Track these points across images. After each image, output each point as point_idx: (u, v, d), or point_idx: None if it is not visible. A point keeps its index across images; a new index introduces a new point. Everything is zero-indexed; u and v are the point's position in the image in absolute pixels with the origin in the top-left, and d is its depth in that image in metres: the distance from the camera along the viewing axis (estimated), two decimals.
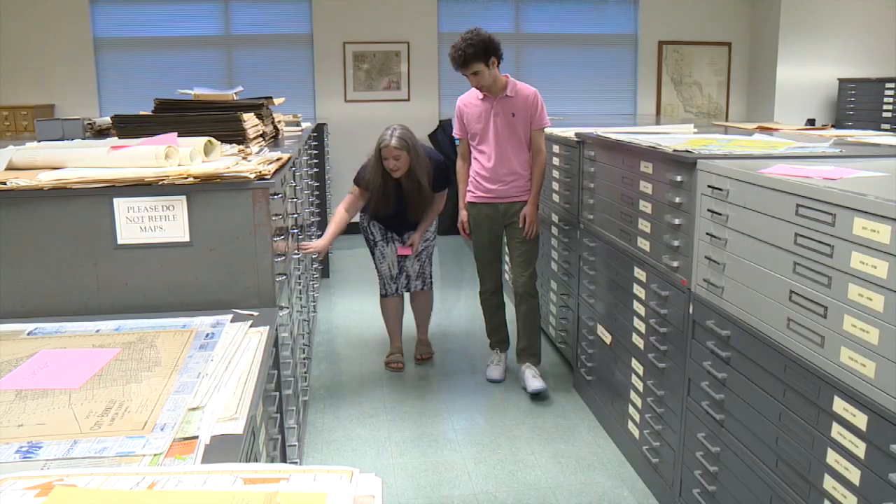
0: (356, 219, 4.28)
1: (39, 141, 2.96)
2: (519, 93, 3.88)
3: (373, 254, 4.33)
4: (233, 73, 7.92)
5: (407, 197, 4.08)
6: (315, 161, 5.63)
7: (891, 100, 7.15)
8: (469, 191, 4.06)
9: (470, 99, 3.98)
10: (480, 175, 3.98)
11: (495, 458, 3.31)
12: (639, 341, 3.07)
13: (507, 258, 4.73)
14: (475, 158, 4.01)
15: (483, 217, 4.03)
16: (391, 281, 4.33)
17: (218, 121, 2.83)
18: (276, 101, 3.78)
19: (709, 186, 2.43)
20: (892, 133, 4.77)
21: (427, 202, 4.14)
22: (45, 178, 2.04)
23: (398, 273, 4.33)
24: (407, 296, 4.46)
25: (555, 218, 4.34)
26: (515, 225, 3.97)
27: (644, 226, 2.99)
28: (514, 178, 3.93)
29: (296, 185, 3.43)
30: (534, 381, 3.89)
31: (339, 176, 7.71)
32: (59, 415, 1.40)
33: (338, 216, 4.13)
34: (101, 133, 3.41)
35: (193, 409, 1.41)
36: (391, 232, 4.27)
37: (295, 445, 2.70)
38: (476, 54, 3.72)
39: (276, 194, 2.25)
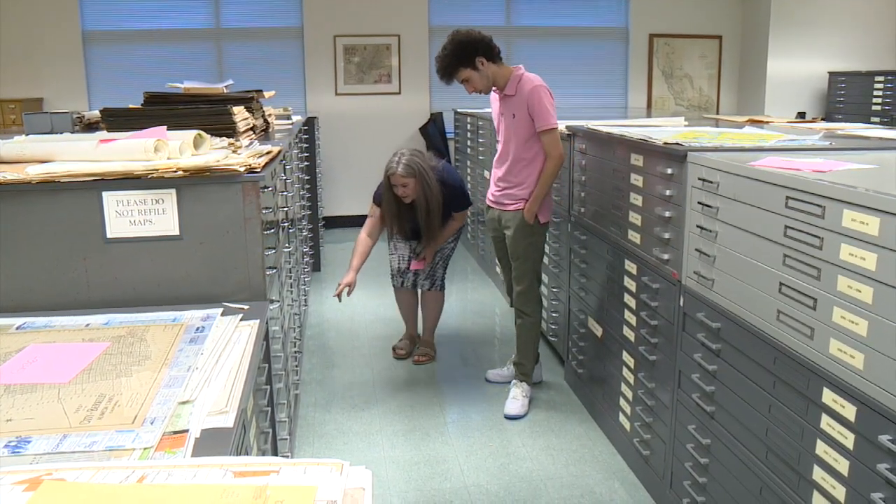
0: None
1: (28, 134, 2.94)
2: (519, 90, 3.47)
3: (388, 244, 4.38)
4: (223, 66, 7.89)
5: (419, 220, 4.07)
6: (306, 154, 5.62)
7: (880, 93, 7.19)
8: None
9: (494, 94, 3.65)
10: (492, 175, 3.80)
11: (486, 451, 3.32)
12: (629, 334, 3.08)
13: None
14: None
15: (487, 218, 3.86)
16: (399, 275, 4.33)
17: (208, 114, 2.82)
18: (267, 94, 3.77)
19: (699, 179, 2.43)
20: (881, 126, 4.79)
21: (438, 225, 4.10)
22: (33, 172, 2.02)
23: (406, 268, 4.30)
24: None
25: None
26: (507, 236, 3.68)
27: (635, 218, 3.00)
28: (506, 185, 3.63)
29: (286, 179, 3.42)
30: (509, 404, 3.67)
31: (330, 169, 7.71)
32: (49, 409, 1.39)
33: (360, 244, 4.16)
34: (90, 127, 3.39)
35: (183, 402, 1.41)
36: (413, 241, 4.28)
37: (286, 439, 2.70)
38: (455, 62, 3.44)
39: (266, 187, 2.24)
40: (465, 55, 3.44)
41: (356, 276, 4.08)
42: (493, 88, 3.56)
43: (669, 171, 2.66)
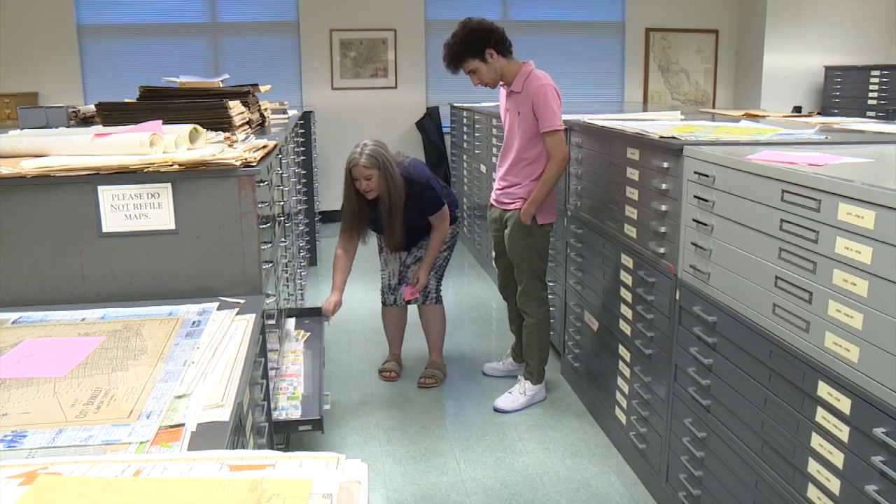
0: None
1: (23, 129, 2.93)
2: (525, 88, 3.37)
3: (379, 258, 4.08)
4: (219, 60, 7.87)
5: (381, 217, 3.69)
6: (302, 149, 5.61)
7: (876, 87, 7.19)
8: None
9: (502, 88, 3.55)
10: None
11: (483, 445, 3.33)
12: (626, 327, 3.08)
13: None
14: None
15: (490, 218, 3.78)
16: (389, 291, 4.04)
17: (203, 108, 2.81)
18: (263, 88, 3.75)
19: (695, 173, 2.43)
20: (877, 120, 4.79)
21: (400, 224, 3.68)
22: (28, 166, 2.02)
23: (398, 283, 4.01)
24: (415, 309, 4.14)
25: None
26: (506, 234, 3.59)
27: (631, 212, 3.00)
28: (506, 184, 3.55)
29: (282, 173, 3.41)
30: (501, 397, 3.68)
31: (326, 164, 7.69)
32: (44, 403, 1.39)
33: (338, 261, 3.85)
34: (85, 121, 3.38)
35: (179, 396, 1.41)
36: (402, 252, 3.97)
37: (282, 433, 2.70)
38: (463, 52, 3.34)
39: (262, 181, 2.24)
40: (474, 45, 3.33)
41: (342, 294, 3.78)
42: (501, 83, 3.49)
43: (666, 165, 2.66)
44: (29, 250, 2.03)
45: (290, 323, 3.53)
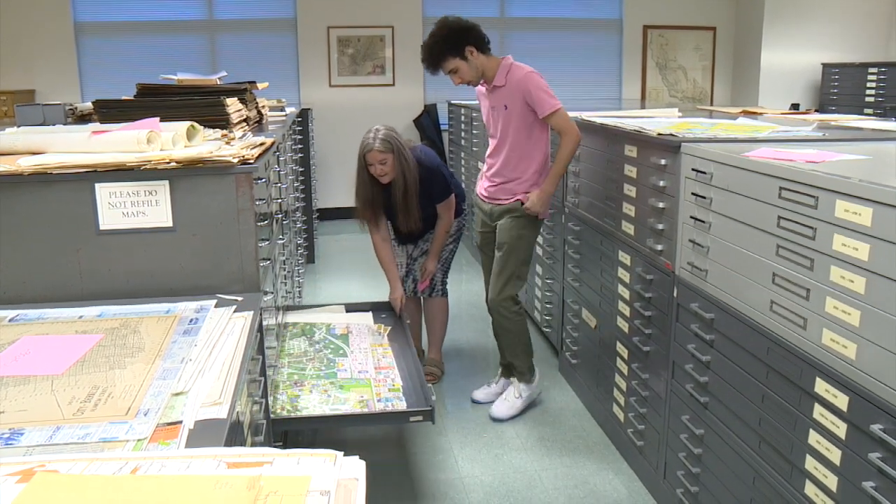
0: None
1: (20, 126, 2.92)
2: (509, 80, 3.32)
3: None
4: (216, 57, 7.86)
5: (395, 201, 3.69)
6: (300, 146, 5.61)
7: (873, 84, 7.19)
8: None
9: (481, 87, 3.49)
10: (483, 169, 3.65)
11: (481, 442, 3.33)
12: (623, 325, 3.08)
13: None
14: None
15: (477, 214, 3.70)
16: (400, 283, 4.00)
17: (201, 105, 2.81)
18: (260, 85, 3.75)
19: (693, 170, 2.43)
20: (874, 117, 4.79)
21: (415, 207, 3.68)
22: (25, 164, 2.01)
23: (405, 275, 4.03)
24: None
25: None
26: (499, 224, 3.49)
27: (628, 209, 3.00)
28: (502, 180, 3.45)
29: (280, 170, 3.41)
30: (496, 404, 3.59)
31: (324, 161, 7.70)
32: (42, 401, 1.39)
33: (381, 254, 3.87)
34: (82, 118, 3.37)
35: (177, 394, 1.41)
36: (409, 245, 4.03)
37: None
38: (444, 51, 3.28)
39: (259, 179, 2.23)
40: (455, 43, 3.27)
41: (400, 287, 3.81)
42: (481, 81, 3.43)
43: (663, 161, 2.66)
44: (26, 248, 2.03)
45: (369, 317, 3.64)
